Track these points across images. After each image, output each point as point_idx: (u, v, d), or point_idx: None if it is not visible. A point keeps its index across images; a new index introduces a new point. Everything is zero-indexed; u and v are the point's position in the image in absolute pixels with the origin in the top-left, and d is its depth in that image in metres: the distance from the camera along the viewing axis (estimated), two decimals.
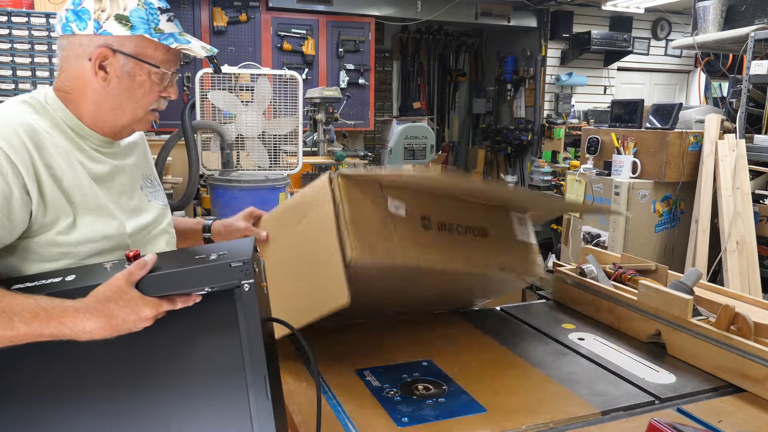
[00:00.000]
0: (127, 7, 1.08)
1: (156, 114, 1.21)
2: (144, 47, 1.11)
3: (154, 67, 1.12)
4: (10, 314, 0.87)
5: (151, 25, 1.10)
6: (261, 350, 0.94)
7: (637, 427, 1.19)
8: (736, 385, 1.38)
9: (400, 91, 7.66)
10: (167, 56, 1.14)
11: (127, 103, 1.14)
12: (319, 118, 4.79)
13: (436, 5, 6.14)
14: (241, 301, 0.94)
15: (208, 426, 0.95)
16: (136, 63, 1.11)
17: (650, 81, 7.28)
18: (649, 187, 3.87)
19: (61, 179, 1.06)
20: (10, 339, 0.88)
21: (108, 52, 1.09)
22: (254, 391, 0.93)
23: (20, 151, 1.00)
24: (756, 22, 3.90)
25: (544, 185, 6.23)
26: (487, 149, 7.68)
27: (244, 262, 0.93)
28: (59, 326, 0.89)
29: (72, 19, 1.09)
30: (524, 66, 7.03)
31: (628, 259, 2.03)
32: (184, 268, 0.95)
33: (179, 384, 0.96)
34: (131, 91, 1.13)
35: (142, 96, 1.14)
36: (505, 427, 1.17)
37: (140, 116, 1.17)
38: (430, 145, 4.60)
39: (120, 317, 0.90)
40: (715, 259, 3.68)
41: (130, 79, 1.11)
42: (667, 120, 3.93)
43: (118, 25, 1.08)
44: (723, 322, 1.45)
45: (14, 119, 1.03)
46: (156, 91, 1.15)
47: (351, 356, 1.51)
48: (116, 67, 1.10)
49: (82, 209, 1.08)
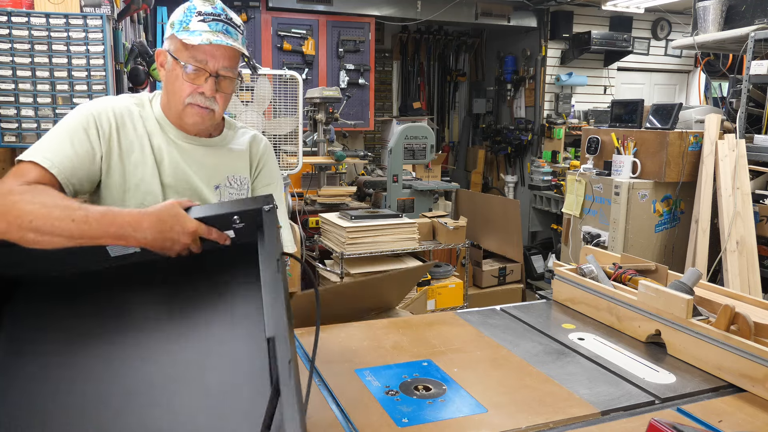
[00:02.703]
0: (177, 14, 1.32)
1: (198, 109, 1.36)
2: (176, 45, 1.30)
3: (179, 61, 1.30)
4: (85, 210, 1.06)
5: (182, 25, 1.28)
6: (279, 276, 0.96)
7: (637, 427, 1.19)
8: (736, 385, 1.38)
9: (400, 91, 7.66)
10: (191, 51, 1.29)
11: (170, 95, 1.35)
12: (319, 118, 4.79)
13: (436, 5, 6.14)
14: (263, 225, 1.04)
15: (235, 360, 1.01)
16: (173, 60, 1.31)
17: (650, 81, 7.28)
18: (649, 187, 3.87)
19: (129, 154, 1.35)
20: (81, 233, 1.04)
21: (162, 51, 1.34)
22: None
23: (104, 123, 1.32)
24: (756, 22, 3.90)
25: (544, 185, 6.23)
26: (487, 149, 7.68)
27: (266, 196, 1.08)
28: (123, 227, 1.05)
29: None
30: (524, 66, 7.03)
31: (628, 259, 2.03)
32: (219, 204, 1.13)
33: (213, 328, 1.04)
34: (170, 84, 1.34)
35: (177, 88, 1.32)
36: (505, 427, 1.17)
37: (180, 108, 1.35)
38: (430, 145, 4.60)
39: (169, 225, 1.06)
40: (715, 259, 3.68)
41: (169, 74, 1.33)
42: (667, 120, 3.93)
43: (170, 29, 1.31)
44: (723, 322, 1.45)
45: (115, 102, 1.36)
46: (188, 84, 1.32)
47: (351, 356, 1.51)
48: (166, 64, 1.34)
49: (133, 184, 1.35)
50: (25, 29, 2.17)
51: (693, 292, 1.65)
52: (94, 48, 2.26)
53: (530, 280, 5.88)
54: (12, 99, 2.18)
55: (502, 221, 5.11)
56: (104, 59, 2.27)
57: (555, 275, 1.96)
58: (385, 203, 4.69)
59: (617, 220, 3.87)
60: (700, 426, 1.19)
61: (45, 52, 2.21)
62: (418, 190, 4.66)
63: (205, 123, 1.40)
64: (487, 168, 7.78)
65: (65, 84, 2.23)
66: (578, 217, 4.22)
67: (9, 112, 2.19)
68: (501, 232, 5.16)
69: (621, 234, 3.87)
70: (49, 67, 2.22)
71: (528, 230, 6.58)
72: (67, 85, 2.24)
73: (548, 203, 6.16)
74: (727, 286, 3.47)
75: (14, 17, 2.15)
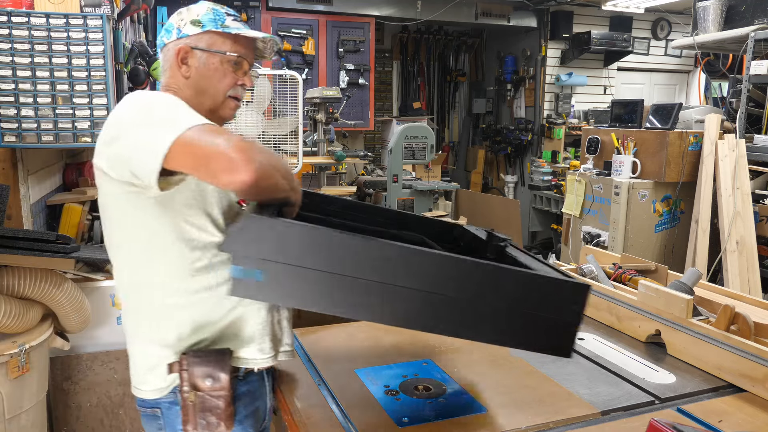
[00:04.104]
0: (199, 13, 1.34)
1: (236, 102, 1.39)
2: (214, 40, 1.33)
3: (223, 54, 1.33)
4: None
5: (218, 23, 1.33)
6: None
7: (637, 427, 1.19)
8: (736, 385, 1.38)
9: (400, 91, 7.66)
10: (234, 46, 1.34)
11: (207, 88, 1.34)
12: (319, 118, 4.79)
13: (436, 5, 6.14)
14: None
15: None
16: (210, 54, 1.32)
17: (650, 81, 7.28)
18: (649, 187, 3.87)
19: None
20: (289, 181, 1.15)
21: (187, 48, 1.32)
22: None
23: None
24: (756, 22, 3.90)
25: (544, 185, 6.23)
26: (487, 149, 7.68)
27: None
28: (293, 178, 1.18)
29: (163, 35, 1.36)
30: (524, 66, 7.03)
31: (628, 259, 2.03)
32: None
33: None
34: (209, 78, 1.33)
35: (219, 81, 1.33)
36: (505, 427, 1.17)
37: (220, 101, 1.35)
38: (430, 145, 4.60)
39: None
40: (715, 259, 3.68)
41: (206, 68, 1.33)
42: (667, 120, 3.93)
43: (193, 27, 1.32)
44: (723, 322, 1.45)
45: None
46: (230, 77, 1.34)
47: (351, 356, 1.51)
48: (195, 60, 1.32)
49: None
50: (25, 29, 2.17)
51: (693, 292, 1.65)
52: (94, 48, 2.26)
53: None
54: (12, 99, 2.18)
55: (502, 221, 5.11)
56: (104, 59, 2.27)
57: None
58: (385, 203, 4.69)
59: (617, 220, 3.88)
60: (700, 426, 1.19)
61: (45, 52, 2.20)
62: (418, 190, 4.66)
63: (233, 116, 1.44)
64: (487, 168, 7.78)
65: (65, 84, 2.23)
66: (578, 217, 4.22)
67: (9, 112, 2.18)
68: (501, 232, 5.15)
69: (621, 234, 3.87)
70: (49, 67, 2.22)
71: (528, 230, 6.58)
72: (67, 85, 2.23)
73: (548, 203, 6.16)
74: (727, 286, 3.47)
75: (14, 17, 2.15)
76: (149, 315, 1.25)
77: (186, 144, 1.08)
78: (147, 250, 1.22)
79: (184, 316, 1.23)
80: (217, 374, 1.19)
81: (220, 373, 1.20)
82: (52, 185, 2.99)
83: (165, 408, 1.25)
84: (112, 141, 1.17)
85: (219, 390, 1.19)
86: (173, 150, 1.08)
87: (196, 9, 1.35)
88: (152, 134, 1.11)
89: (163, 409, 1.26)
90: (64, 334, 2.30)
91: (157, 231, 1.20)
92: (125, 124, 1.16)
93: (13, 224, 2.38)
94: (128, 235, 1.23)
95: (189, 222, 1.21)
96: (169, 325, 1.23)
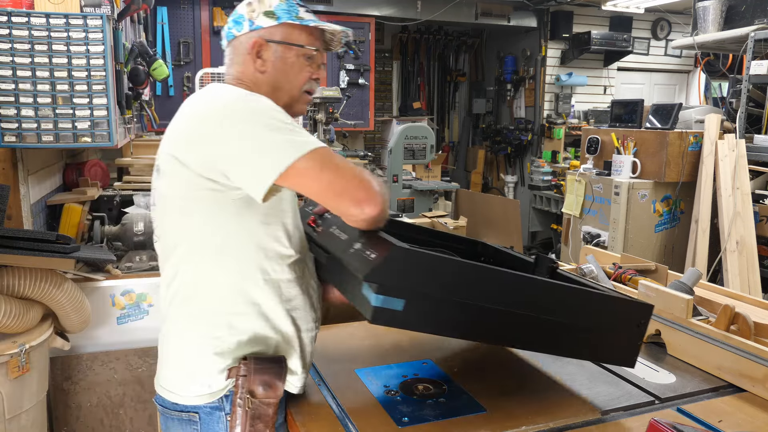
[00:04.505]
0: (272, 4, 1.28)
1: (310, 97, 1.36)
2: (290, 32, 1.28)
3: (300, 47, 1.29)
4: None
5: (292, 14, 1.28)
6: None
7: (637, 427, 1.19)
8: (736, 385, 1.38)
9: (400, 91, 7.66)
10: (310, 38, 1.31)
11: (283, 82, 1.30)
12: (319, 118, 4.79)
13: (436, 5, 6.14)
14: None
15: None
16: (286, 47, 1.28)
17: (650, 81, 7.28)
18: (649, 187, 3.87)
19: None
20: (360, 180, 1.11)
21: (261, 41, 1.27)
22: None
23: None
24: (756, 22, 3.90)
25: (544, 185, 6.23)
26: (487, 149, 7.68)
27: None
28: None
29: (232, 27, 1.30)
30: (524, 66, 7.02)
31: (628, 259, 2.03)
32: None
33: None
34: (285, 72, 1.29)
35: (295, 75, 1.30)
36: (505, 427, 1.17)
37: (296, 96, 1.32)
38: (430, 145, 4.60)
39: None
40: (715, 259, 3.68)
41: (283, 62, 1.28)
42: (667, 120, 3.93)
43: (266, 18, 1.27)
44: (723, 322, 1.45)
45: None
46: (306, 70, 1.31)
47: (351, 356, 1.51)
48: (270, 54, 1.28)
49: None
50: (25, 29, 2.17)
51: (693, 292, 1.65)
52: (94, 48, 2.25)
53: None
54: (12, 99, 2.18)
55: (502, 221, 5.12)
56: (104, 59, 2.27)
57: None
58: None
59: (617, 220, 3.88)
60: (700, 426, 1.19)
61: (45, 52, 2.20)
62: (418, 190, 4.66)
63: (306, 111, 1.43)
64: (487, 168, 7.78)
65: (65, 84, 2.23)
66: (578, 217, 4.22)
67: (9, 112, 2.18)
68: (501, 232, 5.16)
69: (621, 234, 3.87)
70: (49, 67, 2.21)
71: (528, 230, 6.58)
72: (67, 85, 2.23)
73: (548, 203, 6.16)
74: (727, 286, 3.47)
75: (14, 17, 2.15)
76: (210, 321, 1.20)
77: (310, 168, 1.08)
78: (220, 254, 1.18)
79: (245, 326, 1.20)
80: (274, 382, 1.17)
81: (277, 381, 1.17)
82: (52, 185, 2.99)
83: (205, 413, 1.21)
84: (207, 139, 1.13)
85: (272, 398, 1.17)
86: (293, 169, 1.08)
87: (268, 0, 1.29)
88: (270, 148, 1.09)
89: (202, 414, 1.21)
90: (64, 334, 2.30)
91: (233, 234, 1.18)
92: (229, 126, 1.12)
93: (13, 224, 2.38)
94: (200, 233, 1.19)
95: (266, 231, 1.20)
96: (230, 333, 1.19)
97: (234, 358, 1.19)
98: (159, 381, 1.28)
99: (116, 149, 2.97)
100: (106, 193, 3.08)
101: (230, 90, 1.22)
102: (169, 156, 1.19)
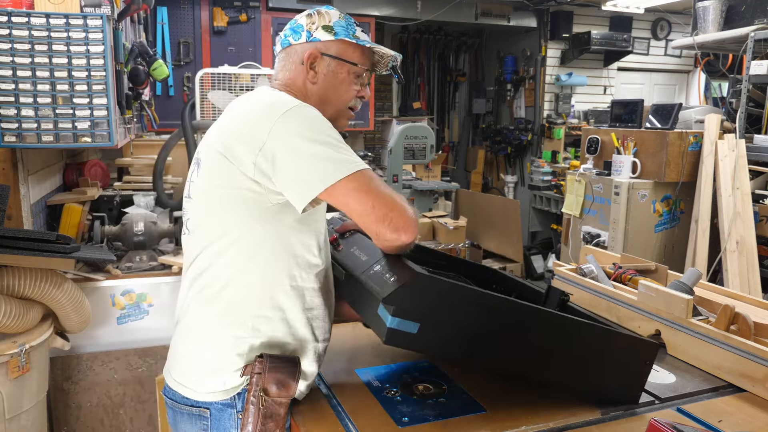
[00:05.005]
0: (331, 19, 1.33)
1: (352, 114, 1.40)
2: (345, 49, 1.32)
3: (353, 65, 1.33)
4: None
5: (350, 32, 1.32)
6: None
7: (637, 427, 1.19)
8: (736, 385, 1.38)
9: (400, 91, 7.66)
10: (362, 57, 1.34)
11: (332, 96, 1.34)
12: None
13: (436, 5, 6.14)
14: None
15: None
16: (339, 63, 1.32)
17: (650, 81, 7.28)
18: (648, 187, 3.86)
19: None
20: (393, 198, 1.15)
21: (317, 53, 1.31)
22: None
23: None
24: (756, 22, 3.90)
25: (544, 185, 6.23)
26: (487, 149, 7.68)
27: None
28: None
29: (290, 34, 1.36)
30: (524, 66, 7.02)
31: (628, 259, 2.03)
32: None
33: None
34: (335, 87, 1.33)
35: (344, 91, 1.34)
36: (505, 427, 1.17)
37: (342, 110, 1.37)
38: (430, 145, 4.59)
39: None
40: (715, 259, 3.68)
41: (334, 76, 1.32)
42: (667, 120, 3.93)
43: (324, 32, 1.31)
44: (723, 322, 1.45)
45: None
46: (354, 87, 1.35)
47: (351, 356, 1.51)
48: (323, 67, 1.32)
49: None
50: (25, 29, 2.17)
51: (693, 292, 1.65)
52: (94, 48, 2.25)
53: (530, 280, 5.88)
54: (12, 99, 2.18)
55: (502, 221, 5.11)
56: (104, 59, 2.27)
57: (555, 275, 1.96)
58: None
59: (617, 220, 3.88)
60: (700, 426, 1.19)
61: (45, 52, 2.20)
62: (418, 190, 4.66)
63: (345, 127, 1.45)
64: (487, 168, 7.78)
65: (65, 84, 2.23)
66: (578, 217, 4.22)
67: (9, 112, 2.18)
68: (501, 232, 5.16)
69: (621, 234, 3.87)
70: (49, 67, 2.22)
71: (528, 230, 6.58)
72: (67, 85, 2.23)
73: (548, 203, 6.16)
74: (727, 286, 3.47)
75: (14, 17, 2.15)
76: (235, 320, 1.21)
77: (355, 189, 1.12)
78: (254, 255, 1.20)
79: (268, 330, 1.22)
80: (288, 381, 1.18)
81: (291, 381, 1.18)
82: (52, 185, 2.99)
83: (216, 410, 1.22)
84: (258, 140, 1.14)
85: (285, 397, 1.18)
86: (340, 187, 1.11)
87: (328, 15, 1.34)
88: (321, 162, 1.13)
89: (213, 411, 1.22)
90: (64, 334, 2.30)
91: (268, 238, 1.19)
92: (283, 131, 1.14)
93: (13, 224, 2.38)
94: (235, 232, 1.20)
95: (300, 238, 1.22)
96: (253, 335, 1.21)
97: (251, 359, 1.21)
98: (171, 374, 1.29)
99: (116, 149, 2.97)
100: (106, 193, 3.08)
101: (284, 96, 1.24)
102: (215, 152, 1.21)
